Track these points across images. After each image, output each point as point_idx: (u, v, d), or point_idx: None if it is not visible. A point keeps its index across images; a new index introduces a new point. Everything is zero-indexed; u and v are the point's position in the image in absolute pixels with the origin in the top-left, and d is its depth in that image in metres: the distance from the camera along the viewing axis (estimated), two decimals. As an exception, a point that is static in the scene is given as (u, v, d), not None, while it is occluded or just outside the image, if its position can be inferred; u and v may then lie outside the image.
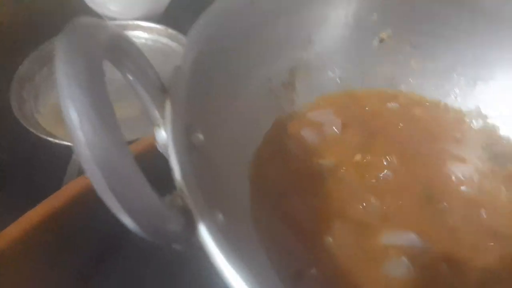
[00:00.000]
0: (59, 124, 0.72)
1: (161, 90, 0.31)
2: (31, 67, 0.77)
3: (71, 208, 0.50)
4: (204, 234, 0.25)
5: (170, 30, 0.82)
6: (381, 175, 0.46)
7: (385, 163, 0.47)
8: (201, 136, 0.33)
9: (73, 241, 0.54)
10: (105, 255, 0.56)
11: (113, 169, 0.21)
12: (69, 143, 0.66)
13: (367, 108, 0.52)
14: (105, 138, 0.21)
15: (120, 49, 0.28)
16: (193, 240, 0.26)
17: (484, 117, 0.51)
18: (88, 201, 0.51)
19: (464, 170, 0.47)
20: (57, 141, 0.66)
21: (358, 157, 0.47)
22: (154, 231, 0.24)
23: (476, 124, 0.51)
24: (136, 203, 0.23)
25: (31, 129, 0.66)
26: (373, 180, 0.46)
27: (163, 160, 0.29)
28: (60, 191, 0.51)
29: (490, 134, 0.50)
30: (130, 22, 0.83)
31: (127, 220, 0.23)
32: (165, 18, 0.88)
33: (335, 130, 0.49)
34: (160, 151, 0.32)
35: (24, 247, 0.46)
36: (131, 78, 0.30)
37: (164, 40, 0.83)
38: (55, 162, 0.65)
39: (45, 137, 0.65)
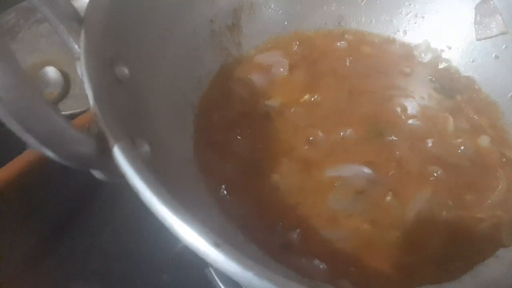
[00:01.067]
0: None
1: (77, 21, 0.30)
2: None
3: (30, 174, 0.50)
4: (118, 154, 0.24)
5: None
6: (329, 113, 0.46)
7: (333, 101, 0.47)
8: (126, 71, 0.32)
9: (38, 205, 0.54)
10: (71, 218, 0.56)
11: (8, 91, 0.20)
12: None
13: (316, 48, 0.51)
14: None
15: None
16: (111, 166, 0.26)
17: (433, 50, 0.51)
18: (48, 167, 0.50)
19: (413, 103, 0.47)
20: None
21: (306, 96, 0.47)
22: (59, 150, 0.23)
23: (424, 57, 0.50)
24: (38, 124, 0.22)
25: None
26: (321, 118, 0.45)
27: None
28: (18, 158, 0.51)
29: (438, 67, 0.50)
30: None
31: (32, 141, 0.22)
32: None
33: (283, 71, 0.48)
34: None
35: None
36: (41, 6, 0.29)
37: None
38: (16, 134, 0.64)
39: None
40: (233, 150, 0.42)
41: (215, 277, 0.47)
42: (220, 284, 0.46)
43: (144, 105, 0.34)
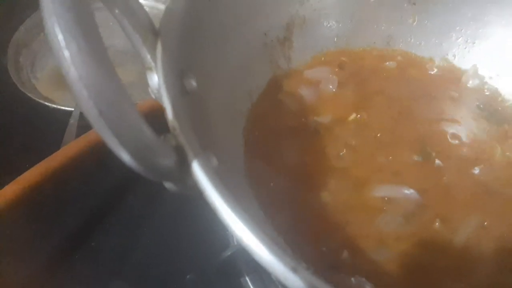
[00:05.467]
0: (56, 90, 0.72)
1: (152, 32, 0.31)
2: (27, 33, 0.76)
3: (68, 168, 0.50)
4: (197, 170, 0.25)
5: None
6: (377, 133, 0.46)
7: (381, 121, 0.47)
8: (193, 82, 0.32)
9: (71, 202, 0.55)
10: (104, 214, 0.57)
11: (101, 93, 0.20)
12: (66, 108, 0.66)
13: (364, 67, 0.51)
14: (93, 62, 0.21)
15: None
16: (186, 179, 0.26)
17: (481, 76, 0.51)
18: (85, 162, 0.51)
19: (460, 129, 0.47)
20: (54, 106, 0.66)
21: (354, 115, 0.47)
22: (146, 163, 0.23)
23: (472, 83, 0.50)
24: (127, 131, 0.22)
25: (29, 94, 0.66)
26: (369, 138, 0.45)
27: (161, 125, 0.28)
28: (57, 152, 0.51)
29: (486, 94, 0.50)
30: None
31: (119, 149, 0.22)
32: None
33: (332, 88, 0.49)
34: (153, 96, 0.32)
35: (22, 207, 0.46)
36: (121, 18, 0.29)
37: (161, 6, 0.81)
38: (53, 126, 0.65)
39: (42, 101, 0.65)
40: (282, 164, 0.42)
41: (251, 287, 0.47)
42: (257, 295, 0.47)
43: (206, 117, 0.35)
